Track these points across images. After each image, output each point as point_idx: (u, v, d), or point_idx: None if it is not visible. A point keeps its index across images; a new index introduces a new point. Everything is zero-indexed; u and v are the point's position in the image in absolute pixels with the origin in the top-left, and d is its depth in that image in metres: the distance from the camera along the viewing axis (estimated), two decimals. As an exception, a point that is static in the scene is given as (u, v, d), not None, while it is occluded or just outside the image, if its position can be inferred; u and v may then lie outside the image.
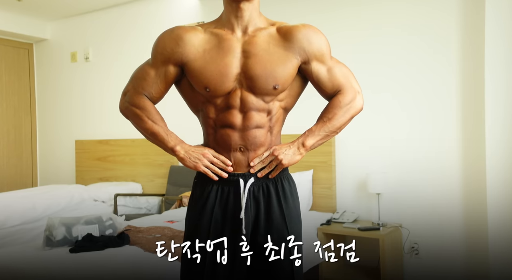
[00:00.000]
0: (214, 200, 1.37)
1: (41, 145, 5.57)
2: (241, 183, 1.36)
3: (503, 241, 2.79)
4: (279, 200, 1.40)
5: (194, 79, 1.37)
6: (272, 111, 1.38)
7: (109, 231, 2.49)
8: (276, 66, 1.33)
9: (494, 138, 2.83)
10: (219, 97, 1.35)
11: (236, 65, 1.33)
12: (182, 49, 1.40)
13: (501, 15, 2.79)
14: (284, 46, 1.36)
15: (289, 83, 1.37)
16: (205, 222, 1.35)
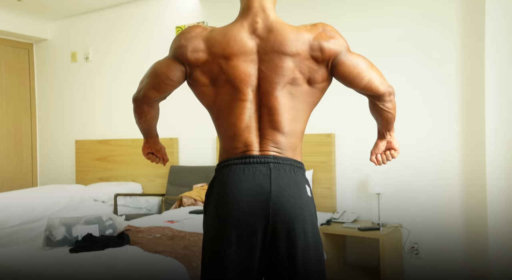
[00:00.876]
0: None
1: (41, 145, 5.57)
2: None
3: (503, 241, 2.79)
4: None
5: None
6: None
7: (109, 231, 2.49)
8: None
9: (494, 138, 2.83)
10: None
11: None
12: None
13: (502, 14, 2.79)
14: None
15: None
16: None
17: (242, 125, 1.34)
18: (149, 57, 4.61)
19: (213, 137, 4.23)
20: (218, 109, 1.37)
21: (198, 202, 3.73)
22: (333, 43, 1.32)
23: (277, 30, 1.32)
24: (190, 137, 4.38)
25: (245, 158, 1.33)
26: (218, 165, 1.39)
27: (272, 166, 1.32)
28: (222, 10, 4.17)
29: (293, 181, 1.32)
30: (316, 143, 3.57)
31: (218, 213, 1.31)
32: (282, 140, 1.35)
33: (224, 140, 1.39)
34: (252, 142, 1.34)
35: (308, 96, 1.36)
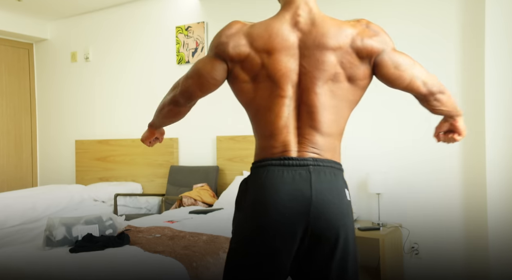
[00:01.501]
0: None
1: (41, 145, 5.57)
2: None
3: (503, 241, 2.79)
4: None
5: None
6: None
7: (109, 231, 2.49)
8: None
9: (494, 139, 2.83)
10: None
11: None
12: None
13: (501, 15, 2.79)
14: None
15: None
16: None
17: (281, 123, 1.30)
18: (149, 57, 4.61)
19: (213, 137, 4.23)
20: (256, 107, 1.33)
21: (198, 202, 3.73)
22: (376, 40, 1.28)
23: (320, 24, 1.28)
24: (190, 137, 4.38)
25: (283, 160, 1.28)
26: (254, 164, 1.34)
27: (312, 169, 1.28)
28: (222, 10, 4.17)
29: (334, 186, 1.29)
30: (316, 143, 3.56)
31: (255, 214, 1.26)
32: (321, 141, 1.31)
33: (261, 138, 1.34)
34: (290, 142, 1.30)
35: (349, 94, 1.31)
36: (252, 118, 1.36)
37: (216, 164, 4.14)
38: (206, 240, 2.47)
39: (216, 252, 2.28)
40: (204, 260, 2.17)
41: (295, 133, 1.31)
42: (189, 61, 4.31)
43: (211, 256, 2.23)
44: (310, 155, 1.29)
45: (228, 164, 4.06)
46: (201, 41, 4.23)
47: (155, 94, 4.58)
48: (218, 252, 2.29)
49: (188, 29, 4.29)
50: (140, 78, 4.69)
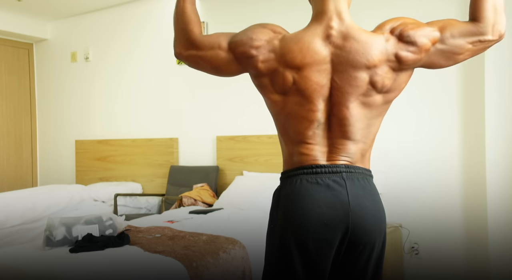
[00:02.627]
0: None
1: (41, 145, 5.57)
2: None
3: (503, 241, 2.79)
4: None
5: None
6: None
7: (109, 231, 2.49)
8: None
9: (494, 139, 2.83)
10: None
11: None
12: None
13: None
14: None
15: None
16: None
17: (311, 133, 1.27)
18: (149, 57, 4.61)
19: (213, 137, 4.24)
20: (285, 117, 1.29)
21: (198, 202, 3.73)
22: (412, 50, 1.23)
23: (353, 38, 1.23)
24: (190, 137, 4.38)
25: (315, 168, 1.25)
26: (285, 174, 1.32)
27: (345, 175, 1.26)
28: (222, 10, 4.17)
29: (369, 192, 1.27)
30: (316, 143, 3.57)
31: (291, 224, 1.23)
32: (353, 148, 1.28)
33: (290, 147, 1.31)
34: (321, 151, 1.27)
35: (382, 103, 1.28)
36: (281, 127, 1.32)
37: (216, 164, 4.14)
38: (206, 240, 2.47)
39: (216, 252, 2.28)
40: (204, 260, 2.17)
41: (326, 143, 1.28)
42: (189, 61, 4.30)
43: (211, 256, 2.23)
44: (341, 162, 1.27)
45: (228, 164, 4.06)
46: (201, 41, 4.22)
47: (155, 94, 4.58)
48: (218, 252, 2.29)
49: (188, 29, 4.28)
50: (140, 78, 4.69)
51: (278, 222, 1.28)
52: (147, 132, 4.64)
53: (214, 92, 4.21)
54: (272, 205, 1.33)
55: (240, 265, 2.34)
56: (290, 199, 1.25)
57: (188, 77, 4.36)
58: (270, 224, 1.33)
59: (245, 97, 4.03)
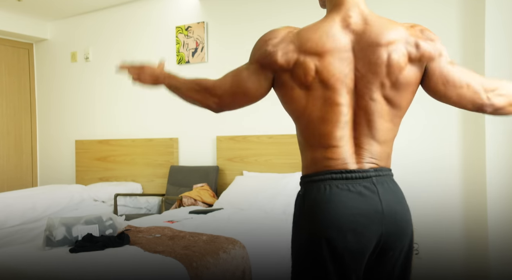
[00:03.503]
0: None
1: (41, 145, 5.57)
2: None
3: (503, 241, 2.79)
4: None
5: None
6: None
7: (109, 231, 2.49)
8: None
9: (494, 138, 2.83)
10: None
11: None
12: None
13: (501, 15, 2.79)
14: None
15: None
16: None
17: (338, 134, 1.21)
18: (149, 57, 4.61)
19: (213, 137, 4.24)
20: (309, 116, 1.23)
21: (198, 202, 3.73)
22: (430, 44, 1.23)
23: (372, 24, 1.22)
24: (190, 137, 4.38)
25: (345, 173, 1.20)
26: (308, 178, 1.25)
27: (375, 180, 1.22)
28: (222, 10, 4.17)
29: (398, 195, 1.25)
30: (316, 143, 3.56)
31: (324, 234, 1.17)
32: (378, 150, 1.25)
33: (314, 150, 1.24)
34: (348, 153, 1.22)
35: (401, 98, 1.24)
36: (304, 128, 1.25)
37: (216, 164, 4.14)
38: (206, 240, 2.47)
39: (216, 252, 2.28)
40: (204, 260, 2.17)
41: (352, 143, 1.23)
42: (189, 61, 4.31)
43: (211, 256, 2.23)
44: (370, 165, 1.23)
45: (228, 164, 4.06)
46: (201, 41, 4.23)
47: (155, 94, 4.58)
48: (218, 252, 2.29)
49: (188, 29, 4.29)
50: (140, 78, 4.69)
51: (306, 231, 1.21)
52: (147, 132, 4.64)
53: (214, 92, 4.20)
54: (297, 213, 1.26)
55: (240, 265, 2.34)
56: (321, 207, 1.19)
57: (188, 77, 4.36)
58: (296, 233, 1.26)
59: (245, 97, 4.03)
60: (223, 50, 4.16)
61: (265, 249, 2.55)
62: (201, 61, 4.25)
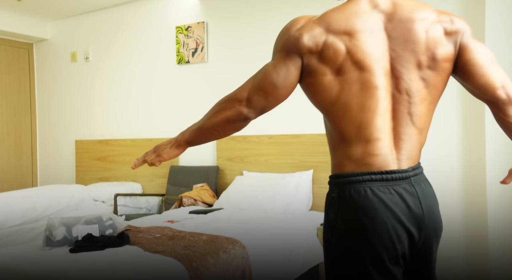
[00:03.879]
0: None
1: (41, 145, 5.57)
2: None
3: (503, 241, 2.79)
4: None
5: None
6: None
7: (109, 231, 2.49)
8: None
9: (494, 139, 2.83)
10: None
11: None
12: None
13: (501, 15, 2.79)
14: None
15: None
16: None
17: (378, 124, 1.12)
18: (149, 57, 4.61)
19: (213, 137, 4.23)
20: (344, 105, 1.12)
21: (198, 202, 3.73)
22: (459, 21, 1.18)
23: (401, 3, 1.15)
24: (190, 137, 4.37)
25: (385, 174, 1.12)
26: (345, 178, 1.15)
27: (413, 181, 1.16)
28: (222, 10, 4.17)
29: (434, 197, 1.21)
30: (316, 143, 3.57)
31: (362, 240, 1.11)
32: (416, 141, 1.17)
33: (350, 144, 1.15)
34: (388, 149, 1.14)
35: (438, 79, 1.17)
36: (339, 119, 1.15)
37: (216, 164, 4.14)
38: (206, 240, 2.47)
39: (216, 252, 2.28)
40: (204, 260, 2.17)
41: (392, 136, 1.15)
42: (189, 61, 4.30)
43: (211, 256, 2.23)
44: (408, 162, 1.16)
45: (228, 164, 4.06)
46: (201, 41, 4.23)
47: (155, 94, 4.58)
48: (218, 252, 2.29)
49: (188, 29, 4.29)
50: (140, 78, 4.69)
51: (347, 237, 1.14)
52: (147, 132, 4.64)
53: (214, 92, 4.20)
54: (333, 217, 1.17)
55: (240, 265, 2.34)
56: (363, 213, 1.10)
57: (188, 77, 4.36)
58: (330, 236, 1.18)
59: (245, 97, 4.03)
60: (223, 50, 4.16)
61: (265, 249, 2.55)
62: (201, 61, 4.25)
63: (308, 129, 3.65)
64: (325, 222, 1.20)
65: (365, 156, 1.14)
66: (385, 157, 1.14)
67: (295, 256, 2.73)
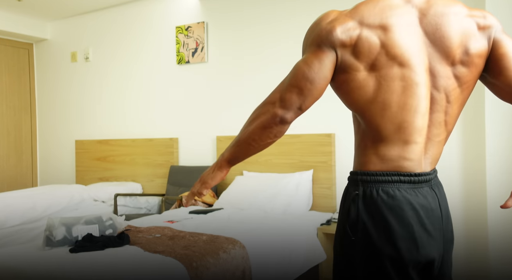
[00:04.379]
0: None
1: (41, 145, 5.57)
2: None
3: (503, 241, 2.79)
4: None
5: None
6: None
7: (109, 231, 2.49)
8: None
9: (494, 138, 2.83)
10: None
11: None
12: None
13: (502, 16, 2.79)
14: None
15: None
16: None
17: (419, 124, 1.08)
18: (149, 57, 4.61)
19: (213, 137, 4.23)
20: (383, 102, 1.07)
21: (198, 202, 3.73)
22: (491, 17, 1.15)
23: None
24: (190, 137, 4.38)
25: (413, 176, 1.09)
26: (373, 176, 1.10)
27: (433, 183, 1.14)
28: (222, 10, 4.17)
29: (446, 199, 1.19)
30: (316, 143, 3.57)
31: (388, 243, 1.07)
32: (442, 145, 1.15)
33: (386, 145, 1.10)
34: (420, 151, 1.11)
35: (470, 76, 1.13)
36: (375, 119, 1.09)
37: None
38: (206, 240, 2.47)
39: (216, 252, 2.28)
40: (204, 260, 2.17)
41: (426, 136, 1.11)
42: (189, 61, 4.30)
43: (211, 256, 2.23)
44: (431, 166, 1.14)
45: (228, 164, 4.06)
46: (201, 41, 4.23)
47: (155, 94, 4.58)
48: (218, 252, 2.29)
49: (188, 29, 4.29)
50: (140, 78, 4.69)
51: (369, 239, 1.09)
52: (147, 132, 4.64)
53: (214, 92, 4.21)
54: (354, 215, 1.11)
55: (240, 265, 2.34)
56: (390, 212, 1.07)
57: (188, 77, 4.36)
58: (348, 234, 1.12)
59: (245, 97, 4.03)
60: (223, 50, 4.16)
61: (265, 249, 2.55)
62: (201, 61, 4.25)
63: (308, 129, 3.65)
64: (343, 219, 1.14)
65: (400, 158, 1.10)
66: (417, 162, 1.11)
67: (295, 256, 2.73)
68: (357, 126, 1.17)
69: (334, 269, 1.18)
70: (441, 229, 1.13)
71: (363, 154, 1.14)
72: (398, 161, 1.10)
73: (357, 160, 1.16)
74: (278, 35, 3.85)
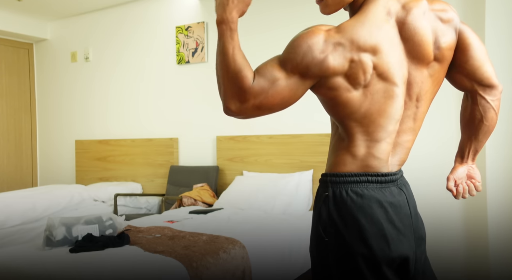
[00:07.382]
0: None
1: (41, 145, 5.57)
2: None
3: (503, 241, 2.79)
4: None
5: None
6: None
7: (109, 231, 2.49)
8: None
9: (494, 138, 2.83)
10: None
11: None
12: None
13: (502, 15, 2.79)
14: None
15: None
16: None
17: (390, 129, 1.14)
18: (149, 57, 4.61)
19: (213, 137, 4.23)
20: (363, 114, 1.12)
21: (198, 202, 3.73)
22: (449, 8, 1.20)
23: (404, 1, 1.17)
24: (190, 137, 4.38)
25: (380, 176, 1.13)
26: (342, 177, 1.13)
27: (399, 183, 1.17)
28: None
29: (414, 198, 1.22)
30: (316, 143, 3.57)
31: (360, 243, 1.09)
32: (410, 147, 1.19)
33: (356, 144, 1.14)
34: (387, 152, 1.15)
35: (439, 74, 1.19)
36: (355, 124, 1.13)
37: (216, 164, 4.14)
38: (206, 240, 2.47)
39: (216, 252, 2.28)
40: (204, 260, 2.17)
41: (395, 140, 1.17)
42: (189, 61, 4.30)
43: (211, 256, 2.23)
44: (398, 167, 1.18)
45: (228, 164, 4.06)
46: (201, 41, 4.23)
47: (155, 94, 4.58)
48: (218, 252, 2.29)
49: (188, 29, 4.29)
50: (140, 78, 4.70)
51: (342, 239, 1.11)
52: (147, 132, 4.64)
53: (214, 92, 4.21)
54: (325, 217, 1.14)
55: (240, 265, 2.34)
56: (360, 211, 1.10)
57: (188, 77, 4.36)
58: (322, 235, 1.15)
59: (245, 97, 4.03)
60: (223, 50, 4.15)
61: (265, 249, 2.55)
62: (201, 61, 4.25)
63: (308, 129, 3.65)
64: (315, 221, 1.18)
65: (368, 156, 1.14)
66: (385, 162, 1.15)
67: (295, 256, 2.73)
68: (335, 130, 1.21)
69: (312, 271, 1.20)
70: (411, 226, 1.16)
71: (336, 155, 1.18)
72: (367, 160, 1.14)
73: (329, 162, 1.20)
74: (278, 35, 3.85)
